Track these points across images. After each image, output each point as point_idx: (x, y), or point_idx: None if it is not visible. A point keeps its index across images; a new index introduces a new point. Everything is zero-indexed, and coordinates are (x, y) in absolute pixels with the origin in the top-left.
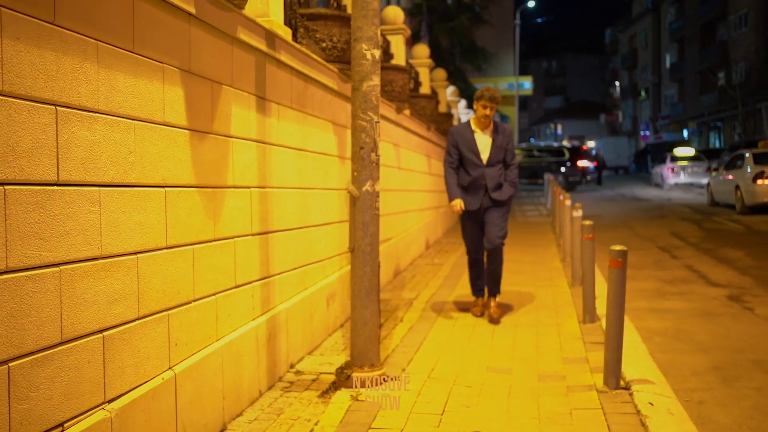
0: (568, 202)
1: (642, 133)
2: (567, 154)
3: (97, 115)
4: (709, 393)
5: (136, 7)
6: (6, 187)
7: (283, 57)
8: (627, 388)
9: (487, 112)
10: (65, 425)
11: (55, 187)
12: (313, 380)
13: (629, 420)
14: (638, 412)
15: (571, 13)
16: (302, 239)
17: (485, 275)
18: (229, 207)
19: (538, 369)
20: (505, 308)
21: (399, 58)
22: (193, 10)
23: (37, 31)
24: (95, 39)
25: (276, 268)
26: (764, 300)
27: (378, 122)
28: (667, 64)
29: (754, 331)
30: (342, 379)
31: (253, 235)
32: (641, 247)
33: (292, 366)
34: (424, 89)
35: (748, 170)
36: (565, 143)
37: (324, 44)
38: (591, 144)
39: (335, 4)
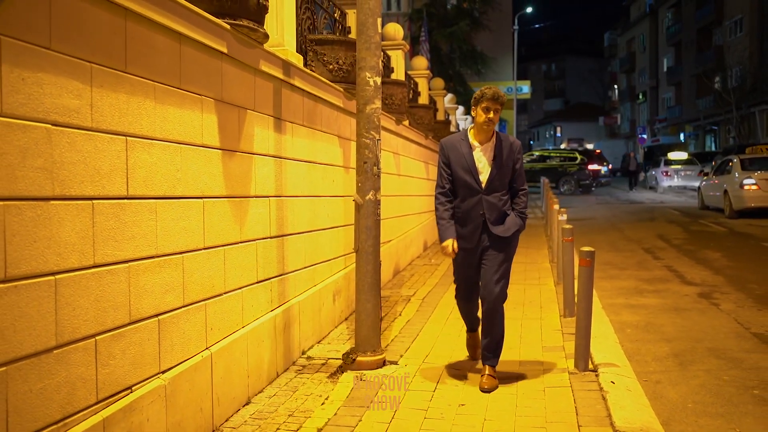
0: (555, 206)
1: (639, 136)
2: (579, 158)
3: (154, 141)
4: (665, 375)
5: (183, 52)
6: (93, 201)
7: (296, 82)
8: (594, 370)
9: (491, 116)
10: (133, 388)
11: (125, 201)
12: (323, 364)
13: (592, 395)
14: (601, 389)
15: (571, 17)
16: (312, 241)
17: (478, 308)
18: (252, 214)
19: (519, 356)
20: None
21: (399, 73)
22: (225, 50)
23: (115, 78)
24: (153, 81)
25: (290, 266)
26: (731, 297)
27: (379, 140)
28: (665, 68)
29: (716, 323)
30: (348, 362)
31: (271, 237)
32: (627, 249)
33: (303, 352)
34: (423, 99)
35: (736, 175)
36: (563, 146)
37: (331, 66)
38: (589, 146)
39: (340, 27)
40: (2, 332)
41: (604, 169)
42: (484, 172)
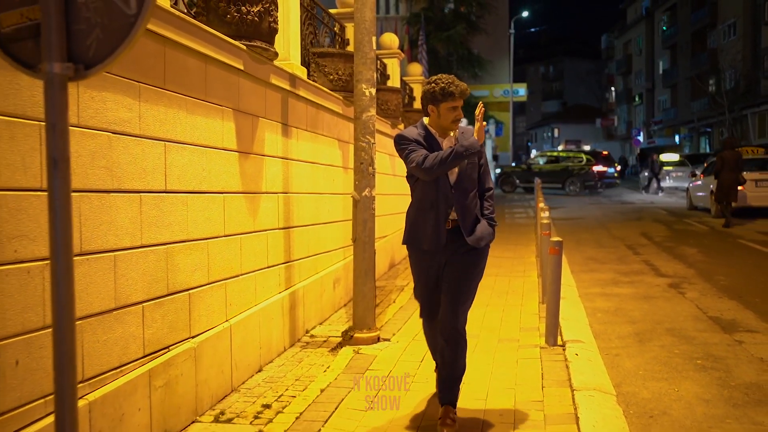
0: (541, 204)
1: (634, 137)
2: (585, 160)
3: (186, 145)
4: (624, 350)
5: (208, 70)
6: (141, 194)
7: (301, 92)
8: (562, 345)
9: (459, 114)
10: (170, 347)
11: (164, 194)
12: (324, 341)
13: (558, 365)
14: (566, 360)
15: (569, 19)
16: (314, 233)
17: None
18: (263, 207)
19: (499, 335)
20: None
21: (394, 79)
22: (242, 67)
23: (156, 95)
24: (185, 95)
25: (295, 254)
26: (697, 287)
27: (374, 143)
28: (660, 71)
29: (678, 309)
30: (346, 339)
31: (279, 228)
32: (611, 246)
33: (307, 331)
34: (418, 104)
35: None
36: (561, 147)
37: (331, 76)
38: (587, 148)
39: (340, 40)
40: (79, 294)
41: (610, 170)
42: (450, 170)
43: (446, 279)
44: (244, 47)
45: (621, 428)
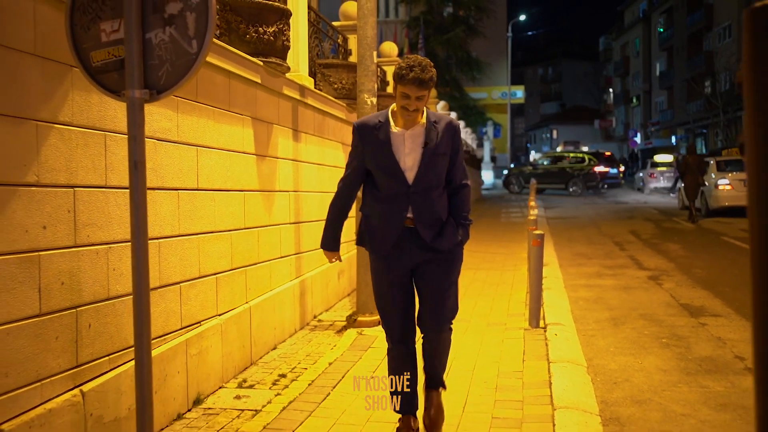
0: (531, 203)
1: (631, 138)
2: (587, 160)
3: (213, 150)
4: (600, 331)
5: (231, 84)
6: (179, 191)
7: (309, 100)
8: (544, 328)
9: (410, 104)
10: (201, 322)
11: (196, 191)
12: (330, 325)
13: (539, 344)
14: (546, 339)
15: (567, 21)
16: (321, 228)
17: (417, 368)
18: (277, 204)
19: (488, 320)
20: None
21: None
22: (259, 80)
23: (190, 107)
24: (213, 106)
25: (304, 247)
26: (675, 279)
27: None
28: (657, 72)
29: (653, 297)
30: (351, 322)
31: (290, 223)
32: (600, 242)
33: (314, 316)
34: None
35: (712, 176)
36: (559, 149)
37: (336, 85)
38: (585, 149)
39: (342, 50)
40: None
41: (612, 171)
42: (412, 165)
43: (424, 284)
44: (261, 63)
45: (587, 392)
